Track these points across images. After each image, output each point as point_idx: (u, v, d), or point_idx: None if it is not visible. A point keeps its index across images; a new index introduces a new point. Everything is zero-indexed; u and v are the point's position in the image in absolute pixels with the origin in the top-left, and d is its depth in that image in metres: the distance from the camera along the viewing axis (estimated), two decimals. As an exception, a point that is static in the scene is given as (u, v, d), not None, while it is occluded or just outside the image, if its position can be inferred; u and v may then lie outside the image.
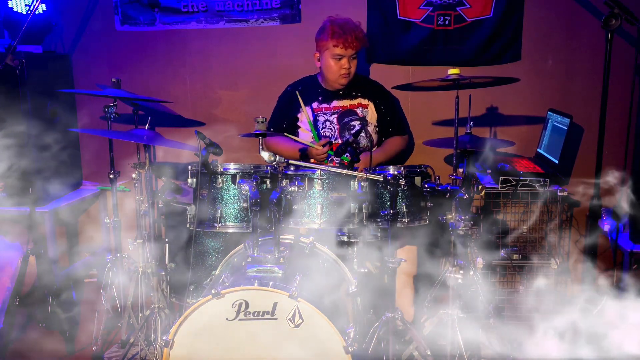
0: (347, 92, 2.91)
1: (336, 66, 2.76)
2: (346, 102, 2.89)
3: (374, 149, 2.96)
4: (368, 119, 2.90)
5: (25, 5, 3.12)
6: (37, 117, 2.85)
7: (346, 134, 2.86)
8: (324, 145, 2.68)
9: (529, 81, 3.14)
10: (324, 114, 2.89)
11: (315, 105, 2.90)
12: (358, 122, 2.86)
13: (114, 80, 2.54)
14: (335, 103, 2.89)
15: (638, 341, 1.99)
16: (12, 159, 2.83)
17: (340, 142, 2.86)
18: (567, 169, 3.15)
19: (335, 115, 2.88)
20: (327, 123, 2.88)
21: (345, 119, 2.87)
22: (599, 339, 2.11)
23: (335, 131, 2.88)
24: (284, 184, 2.08)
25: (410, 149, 3.28)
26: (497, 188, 2.70)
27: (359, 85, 2.94)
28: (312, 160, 2.74)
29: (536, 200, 2.77)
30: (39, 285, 2.63)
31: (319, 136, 2.86)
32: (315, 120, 2.89)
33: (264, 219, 2.13)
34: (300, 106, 2.90)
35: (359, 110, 2.89)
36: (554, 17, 3.12)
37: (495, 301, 2.81)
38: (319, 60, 2.83)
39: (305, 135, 2.91)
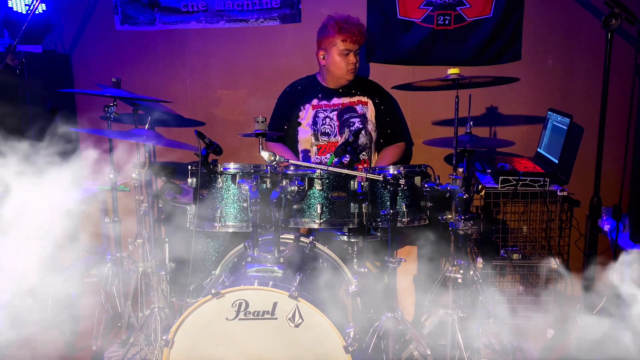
0: (346, 90, 2.91)
1: (344, 62, 2.79)
2: (346, 100, 2.90)
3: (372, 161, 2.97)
4: (368, 116, 2.90)
5: (25, 5, 3.12)
6: (37, 116, 2.85)
7: (346, 130, 2.86)
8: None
9: (529, 81, 3.14)
10: (324, 110, 2.90)
11: (315, 102, 2.91)
12: (358, 119, 2.87)
13: (114, 80, 2.54)
14: (335, 100, 2.90)
15: (638, 341, 1.99)
16: (12, 158, 2.82)
17: (340, 139, 2.87)
18: (567, 169, 3.15)
19: (335, 112, 2.89)
20: (327, 120, 2.89)
21: (345, 116, 2.88)
22: (599, 338, 2.11)
23: (335, 128, 2.88)
24: (284, 184, 2.08)
25: (408, 157, 3.27)
26: (497, 188, 2.70)
27: (358, 84, 2.94)
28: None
29: (536, 200, 2.77)
30: (39, 285, 2.63)
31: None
32: (315, 117, 2.89)
33: (264, 218, 2.13)
34: (300, 105, 2.91)
35: (358, 108, 2.90)
36: (554, 17, 3.12)
37: (495, 301, 2.81)
38: (323, 58, 2.84)
39: (305, 132, 2.92)
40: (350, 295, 2.16)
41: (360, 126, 2.85)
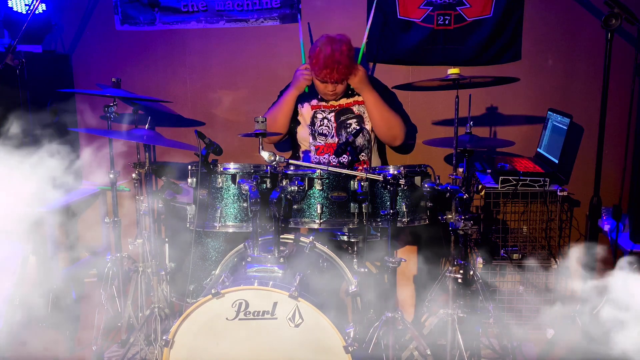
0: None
1: (321, 86, 2.79)
2: (343, 101, 2.90)
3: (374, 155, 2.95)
4: (365, 116, 2.89)
5: (25, 5, 3.12)
6: (37, 116, 2.85)
7: (343, 131, 2.87)
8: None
9: (529, 81, 3.14)
10: (322, 111, 2.90)
11: (314, 102, 2.91)
12: (355, 120, 2.87)
13: (114, 80, 2.54)
14: (332, 102, 2.90)
15: (638, 341, 1.99)
16: (12, 158, 2.82)
17: (337, 139, 2.87)
18: (567, 169, 3.15)
19: (333, 114, 2.89)
20: (325, 121, 2.89)
21: (342, 117, 2.88)
22: (598, 338, 2.11)
23: (332, 129, 2.88)
24: (284, 184, 2.08)
25: (410, 137, 3.23)
26: (497, 188, 2.70)
27: None
28: (300, 83, 2.83)
29: (536, 200, 2.77)
30: (39, 285, 2.63)
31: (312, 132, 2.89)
32: (314, 118, 2.90)
33: (264, 218, 2.13)
34: (299, 103, 2.91)
35: (354, 108, 2.89)
36: (554, 17, 3.12)
37: (495, 301, 2.81)
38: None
39: (304, 131, 2.92)
40: (350, 295, 2.16)
41: (359, 127, 2.85)
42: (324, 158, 2.89)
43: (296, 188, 2.05)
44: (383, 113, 2.82)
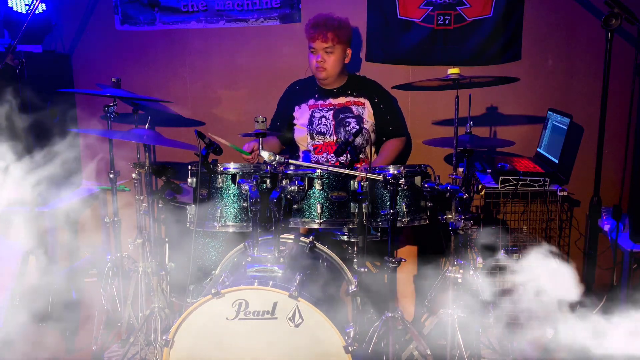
0: (342, 90, 2.92)
1: (313, 60, 2.81)
2: (341, 100, 2.91)
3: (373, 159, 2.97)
4: (364, 117, 2.90)
5: (25, 4, 3.12)
6: (37, 116, 2.85)
7: (341, 130, 2.87)
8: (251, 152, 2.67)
9: (529, 81, 3.14)
10: (320, 110, 2.91)
11: (311, 102, 2.92)
12: (354, 120, 2.87)
13: (114, 79, 2.54)
14: (330, 100, 2.91)
15: (637, 341, 1.99)
16: (12, 158, 2.83)
17: (335, 137, 2.88)
18: (567, 169, 3.15)
19: (331, 112, 2.89)
20: (323, 119, 2.90)
21: (341, 116, 2.88)
22: (598, 338, 2.11)
23: (330, 127, 2.89)
24: (284, 184, 2.08)
25: (408, 150, 3.28)
26: (497, 188, 2.70)
27: (356, 84, 2.94)
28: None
29: (536, 200, 2.77)
30: (39, 285, 2.63)
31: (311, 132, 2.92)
32: (312, 117, 2.90)
33: (264, 218, 2.13)
34: (296, 104, 2.92)
35: (354, 108, 2.90)
36: (554, 17, 3.12)
37: (495, 301, 2.80)
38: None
39: (300, 132, 2.92)
40: (350, 295, 2.16)
41: (357, 127, 2.85)
42: (322, 157, 2.89)
43: (296, 188, 2.05)
44: (391, 161, 2.92)
